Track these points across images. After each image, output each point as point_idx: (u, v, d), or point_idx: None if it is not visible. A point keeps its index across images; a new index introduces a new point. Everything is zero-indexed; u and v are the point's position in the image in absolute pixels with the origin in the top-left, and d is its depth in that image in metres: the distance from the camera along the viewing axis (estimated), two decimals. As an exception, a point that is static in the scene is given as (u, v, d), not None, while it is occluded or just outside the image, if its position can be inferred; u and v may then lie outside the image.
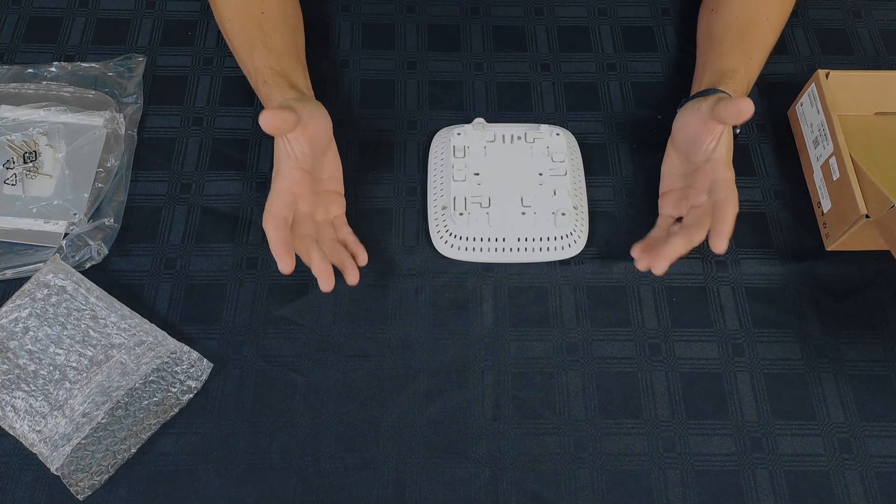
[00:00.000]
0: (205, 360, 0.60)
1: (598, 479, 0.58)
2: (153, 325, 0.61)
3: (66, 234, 0.66)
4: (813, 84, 0.70)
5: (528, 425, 0.60)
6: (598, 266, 0.67)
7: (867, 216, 0.62)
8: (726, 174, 0.60)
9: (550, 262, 0.67)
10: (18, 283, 0.63)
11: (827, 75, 0.70)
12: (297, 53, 0.69)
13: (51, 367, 0.59)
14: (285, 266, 0.56)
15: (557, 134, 0.70)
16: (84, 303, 0.61)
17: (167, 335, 0.60)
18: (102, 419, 0.57)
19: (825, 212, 0.68)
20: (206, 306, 0.64)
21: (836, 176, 0.66)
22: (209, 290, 0.65)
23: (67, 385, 0.58)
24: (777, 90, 0.77)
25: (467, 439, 0.59)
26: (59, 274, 0.62)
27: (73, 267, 0.63)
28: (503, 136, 0.69)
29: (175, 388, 0.60)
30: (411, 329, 0.64)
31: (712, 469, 0.58)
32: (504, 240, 0.66)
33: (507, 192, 0.67)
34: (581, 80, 0.78)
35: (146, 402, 0.59)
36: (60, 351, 0.59)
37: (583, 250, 0.67)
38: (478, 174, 0.67)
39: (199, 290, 0.65)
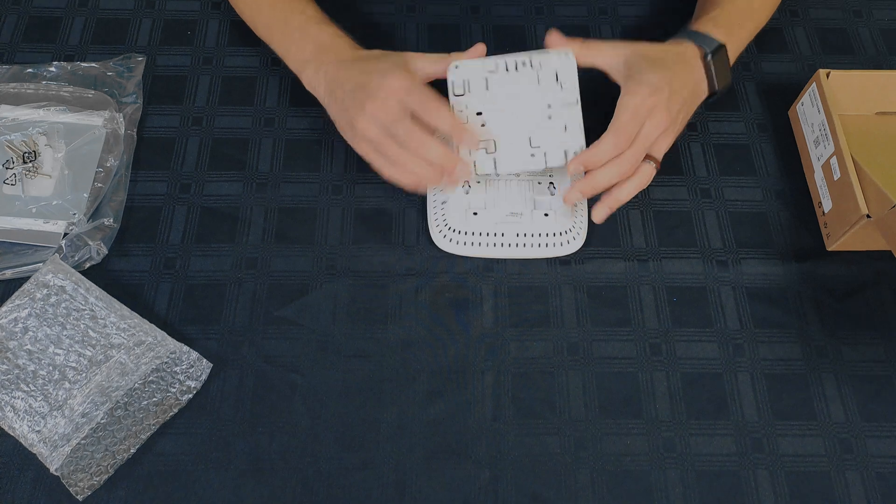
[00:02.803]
0: (204, 360, 0.60)
1: (598, 480, 0.58)
2: (152, 325, 0.61)
3: (65, 234, 0.66)
4: (813, 84, 0.70)
5: (528, 425, 0.60)
6: (599, 265, 0.67)
7: (868, 216, 0.61)
8: (623, 103, 0.62)
9: (550, 261, 0.67)
10: (18, 283, 0.62)
11: (828, 75, 0.70)
12: None
13: (50, 368, 0.58)
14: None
15: (567, 54, 0.63)
16: (83, 303, 0.61)
17: (167, 335, 0.60)
18: (102, 419, 0.57)
19: (826, 212, 0.68)
20: (205, 306, 0.64)
21: (836, 176, 0.66)
22: (209, 290, 0.65)
23: (67, 385, 0.58)
24: (777, 90, 0.77)
25: (467, 439, 0.59)
26: (58, 274, 0.62)
27: (73, 267, 0.63)
28: (506, 64, 0.63)
29: (174, 388, 0.59)
30: (411, 329, 0.64)
31: (713, 469, 0.58)
32: (503, 235, 0.65)
33: (514, 131, 0.63)
34: (581, 79, 0.77)
35: (145, 403, 0.59)
36: (60, 351, 0.59)
37: (582, 248, 0.67)
38: (480, 114, 0.63)
39: (199, 290, 0.65)
